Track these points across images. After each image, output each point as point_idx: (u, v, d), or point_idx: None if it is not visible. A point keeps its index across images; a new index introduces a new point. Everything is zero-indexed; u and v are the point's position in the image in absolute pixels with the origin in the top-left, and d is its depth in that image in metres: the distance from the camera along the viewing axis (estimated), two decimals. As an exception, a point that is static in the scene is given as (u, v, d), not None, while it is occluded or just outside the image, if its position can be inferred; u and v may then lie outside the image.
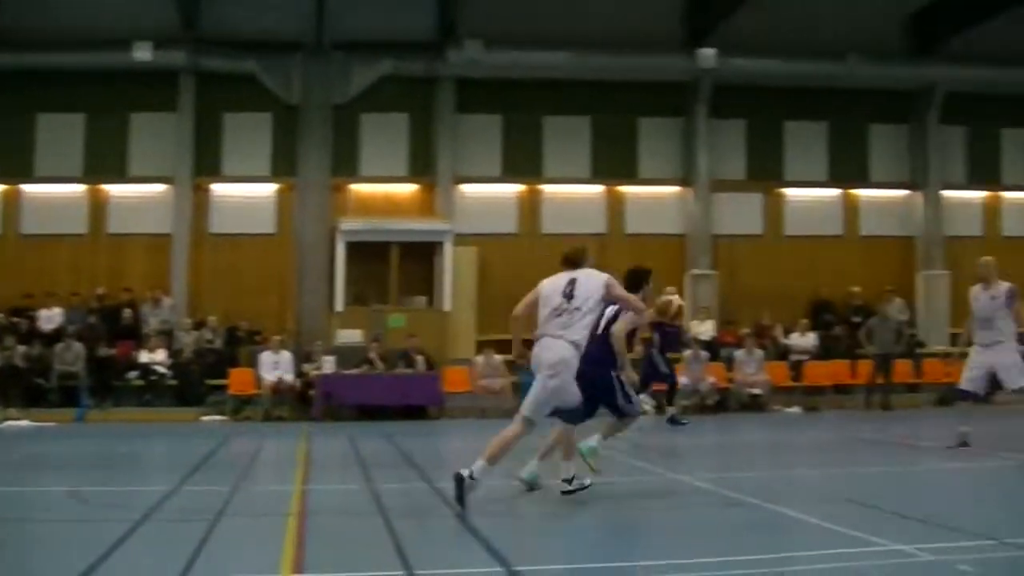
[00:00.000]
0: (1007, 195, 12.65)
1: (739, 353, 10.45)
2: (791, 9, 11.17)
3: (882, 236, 12.27)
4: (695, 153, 11.63)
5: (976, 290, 5.95)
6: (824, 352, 10.87)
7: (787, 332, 11.36)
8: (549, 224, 11.63)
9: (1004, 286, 5.82)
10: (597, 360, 4.31)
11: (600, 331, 4.26)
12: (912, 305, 12.04)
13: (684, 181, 11.82)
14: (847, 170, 12.15)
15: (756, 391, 10.20)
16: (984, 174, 12.50)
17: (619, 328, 4.35)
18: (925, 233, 12.19)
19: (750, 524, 3.87)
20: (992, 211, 12.64)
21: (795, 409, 10.14)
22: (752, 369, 10.31)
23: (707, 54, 11.17)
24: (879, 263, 12.08)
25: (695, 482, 5.02)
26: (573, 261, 4.24)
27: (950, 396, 7.03)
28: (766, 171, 11.99)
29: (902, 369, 10.64)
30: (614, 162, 11.74)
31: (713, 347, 10.81)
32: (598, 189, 11.82)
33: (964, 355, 6.23)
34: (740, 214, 11.83)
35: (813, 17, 11.32)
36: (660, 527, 3.96)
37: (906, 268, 12.24)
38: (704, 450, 7.09)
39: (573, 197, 11.82)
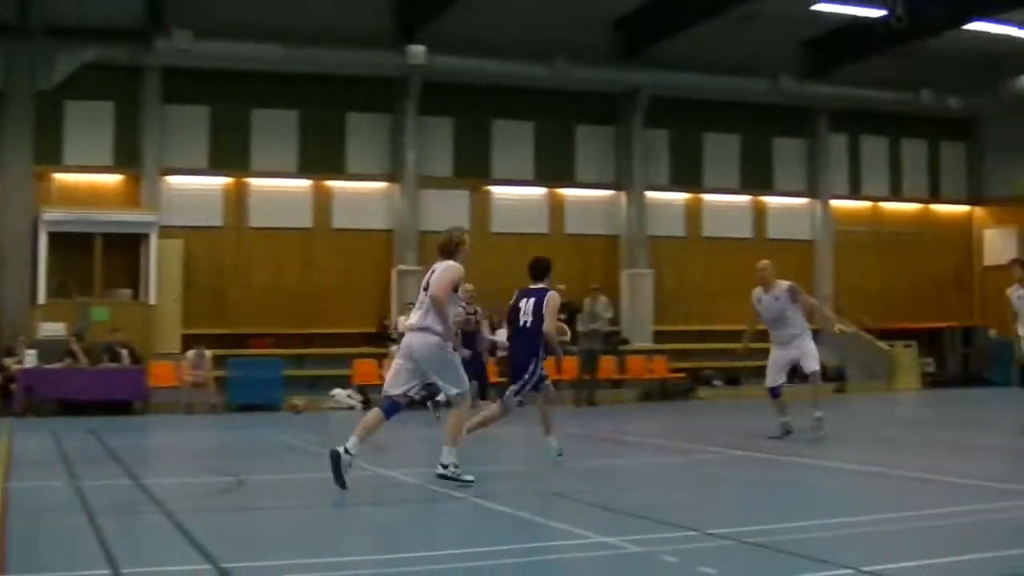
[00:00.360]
0: (708, 197, 34.37)
1: None
2: (501, 10, 31.15)
3: (588, 235, 32.90)
4: (403, 149, 31.23)
5: (758, 293, 20.71)
6: (531, 350, 30.44)
7: (494, 329, 30.80)
8: (256, 218, 30.39)
9: (784, 285, 20.79)
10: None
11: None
12: (616, 303, 32.16)
13: (392, 177, 31.34)
14: (554, 169, 32.71)
15: None
16: (686, 176, 33.73)
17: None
18: (629, 232, 32.95)
19: (455, 517, 10.78)
20: (694, 212, 34.18)
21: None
22: None
23: (417, 51, 30.46)
24: (585, 261, 32.64)
25: (403, 477, 13.56)
26: (443, 251, 12.73)
27: (772, 394, 19.12)
28: (473, 169, 32.20)
29: (607, 366, 30.46)
30: (323, 157, 31.09)
31: None
32: (306, 184, 30.72)
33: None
34: (447, 211, 31.68)
35: (522, 18, 31.38)
36: (368, 524, 10.88)
37: (611, 266, 32.83)
38: (415, 444, 19.85)
39: (281, 191, 30.77)
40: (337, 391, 28.38)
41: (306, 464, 15.60)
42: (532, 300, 15.21)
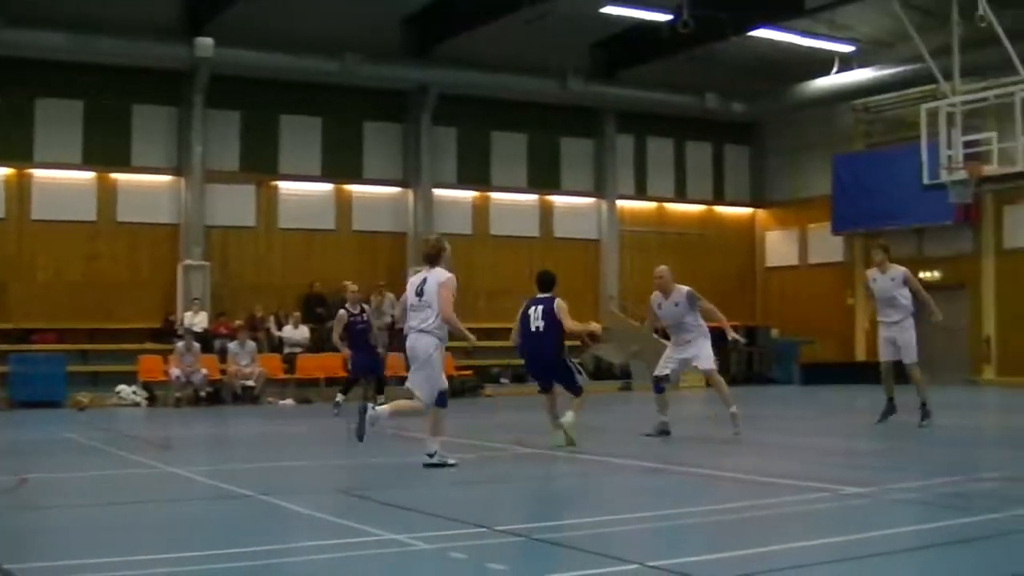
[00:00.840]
0: (495, 195, 37.13)
1: (232, 345, 31.91)
2: (291, 4, 33.50)
3: (375, 232, 35.36)
4: (190, 143, 33.35)
5: (657, 299, 22.18)
6: (317, 345, 32.68)
7: (280, 324, 33.08)
8: (39, 210, 32.45)
9: (683, 291, 22.09)
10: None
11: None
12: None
13: (178, 171, 33.48)
14: (341, 166, 35.33)
15: (249, 383, 31.59)
16: (474, 174, 36.55)
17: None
18: (417, 230, 35.86)
19: (245, 516, 11.17)
20: (481, 210, 36.90)
21: (288, 401, 31.62)
22: (245, 361, 31.69)
23: (205, 43, 32.61)
24: (372, 259, 35.13)
25: (189, 475, 13.56)
26: (429, 258, 15.00)
27: (655, 388, 20.46)
28: (261, 164, 34.41)
29: (395, 363, 32.74)
30: (108, 148, 33.22)
31: (206, 338, 31.94)
32: (90, 176, 32.74)
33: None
34: (234, 205, 33.91)
35: (312, 13, 33.78)
36: (153, 522, 10.66)
37: (398, 264, 35.37)
38: (198, 442, 23.50)
39: (65, 183, 32.83)
40: (122, 387, 29.82)
41: (91, 462, 16.18)
42: (541, 307, 17.66)
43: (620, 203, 40.59)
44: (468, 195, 37.74)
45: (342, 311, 25.98)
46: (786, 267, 42.91)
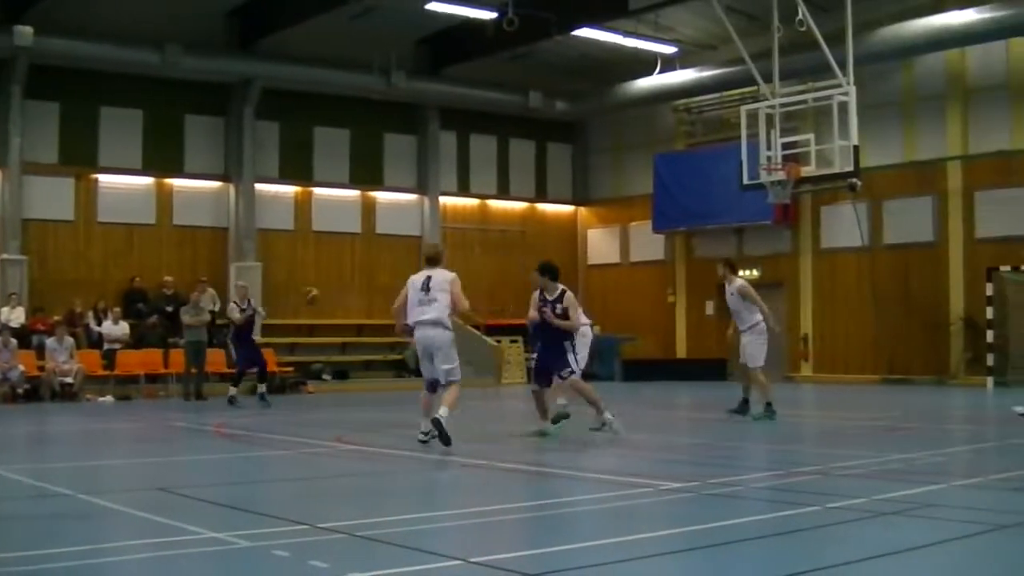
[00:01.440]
0: (318, 191, 36.85)
1: (50, 341, 31.37)
2: None
3: (196, 226, 35.03)
4: (8, 134, 32.85)
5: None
6: (137, 341, 32.36)
7: (100, 320, 32.63)
8: None
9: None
10: None
11: None
12: (225, 295, 34.48)
13: (-4, 163, 32.57)
14: (162, 159, 34.75)
15: (68, 380, 31.11)
16: (296, 169, 36.25)
17: None
18: (238, 225, 35.10)
19: (62, 515, 10.71)
20: (303, 206, 36.57)
21: (108, 398, 31.25)
22: (64, 357, 31.20)
23: (24, 32, 31.95)
24: (193, 253, 34.75)
25: (6, 473, 13.27)
26: (432, 261, 17.33)
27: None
28: (80, 156, 33.85)
29: (215, 359, 32.63)
30: None
31: (23, 334, 31.38)
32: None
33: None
34: (53, 198, 33.28)
35: (135, 4, 33.45)
36: None
37: (219, 258, 35.01)
38: (15, 440, 23.10)
39: None
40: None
41: None
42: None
43: (443, 200, 40.70)
44: (290, 190, 37.49)
45: (232, 304, 27.40)
46: (608, 265, 43.40)
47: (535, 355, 19.53)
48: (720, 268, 22.18)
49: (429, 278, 17.38)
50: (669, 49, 38.08)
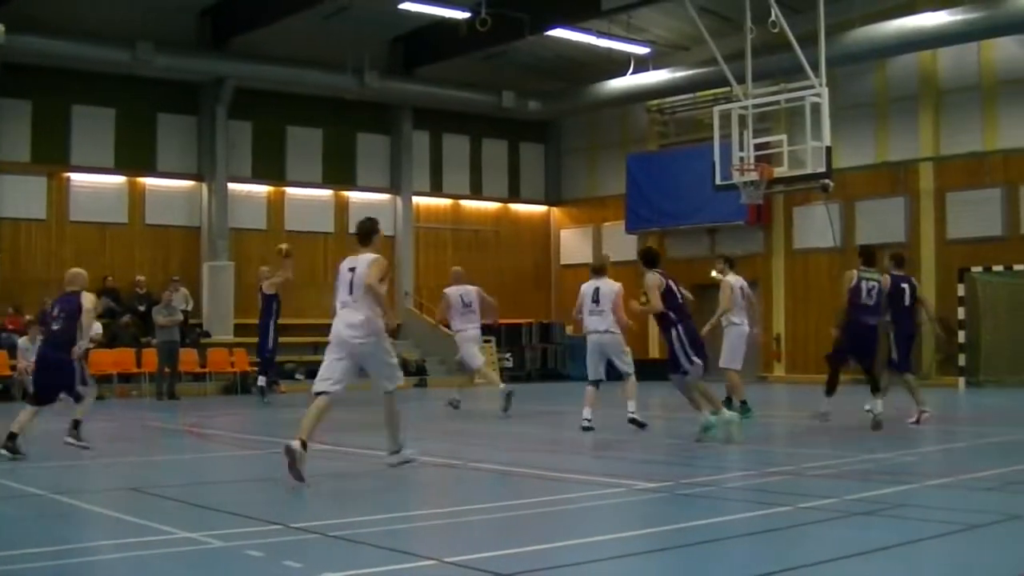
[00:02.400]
0: (290, 190, 36.78)
1: (22, 340, 31.20)
2: None
3: (168, 226, 34.93)
4: (-19, 134, 32.28)
5: (452, 291, 25.74)
6: (110, 340, 32.27)
7: None
8: None
9: (472, 290, 26.28)
10: None
11: None
12: (197, 295, 34.38)
13: (-34, 162, 32.46)
14: (134, 158, 34.55)
15: None
16: (269, 169, 36.16)
17: None
18: (211, 224, 35.01)
19: (35, 516, 11.02)
20: (276, 205, 36.47)
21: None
22: (36, 357, 30.95)
23: (-5, 31, 31.73)
24: (165, 252, 34.58)
25: None
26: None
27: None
28: (52, 154, 33.71)
29: (188, 358, 32.60)
30: None
31: None
32: None
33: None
34: (25, 197, 33.19)
35: (108, 2, 33.27)
36: None
37: (192, 258, 34.93)
38: None
39: None
40: None
41: None
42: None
43: (416, 199, 40.76)
44: (263, 190, 37.53)
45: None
46: (581, 265, 43.12)
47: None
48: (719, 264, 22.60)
49: (598, 289, 19.78)
50: (642, 49, 38.13)
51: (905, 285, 20.41)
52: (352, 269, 14.31)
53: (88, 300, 16.36)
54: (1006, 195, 32.79)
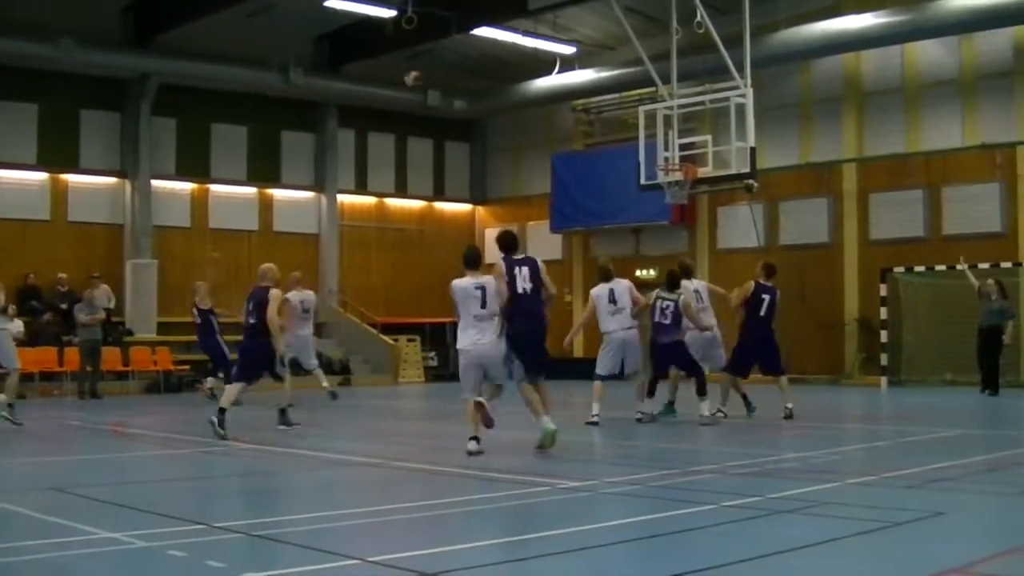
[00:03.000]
0: (215, 188, 36.61)
1: None
2: None
3: (91, 223, 34.60)
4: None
5: (292, 296, 25.72)
6: (31, 338, 31.94)
7: None
8: None
9: (309, 294, 26.56)
10: None
11: None
12: (120, 293, 34.10)
13: None
14: (58, 154, 34.14)
15: None
16: (193, 166, 35.98)
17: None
18: (134, 221, 34.78)
19: None
20: (200, 203, 36.24)
21: (1, 397, 30.69)
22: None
23: (-87, 24, 31.40)
24: (88, 250, 34.30)
25: None
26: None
27: None
28: (-25, 151, 33.07)
29: (111, 357, 32.32)
30: None
31: None
32: None
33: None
34: (-56, 194, 32.53)
35: (32, -3, 32.54)
36: None
37: (114, 256, 34.62)
38: None
39: None
40: None
41: None
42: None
43: (340, 198, 40.62)
44: (187, 187, 37.20)
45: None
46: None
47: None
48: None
49: (612, 291, 20.34)
50: (568, 49, 38.15)
51: (767, 296, 21.39)
52: (480, 287, 16.03)
53: (274, 296, 18.77)
54: (928, 196, 33.12)
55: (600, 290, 20.78)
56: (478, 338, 15.96)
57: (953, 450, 16.31)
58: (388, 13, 33.13)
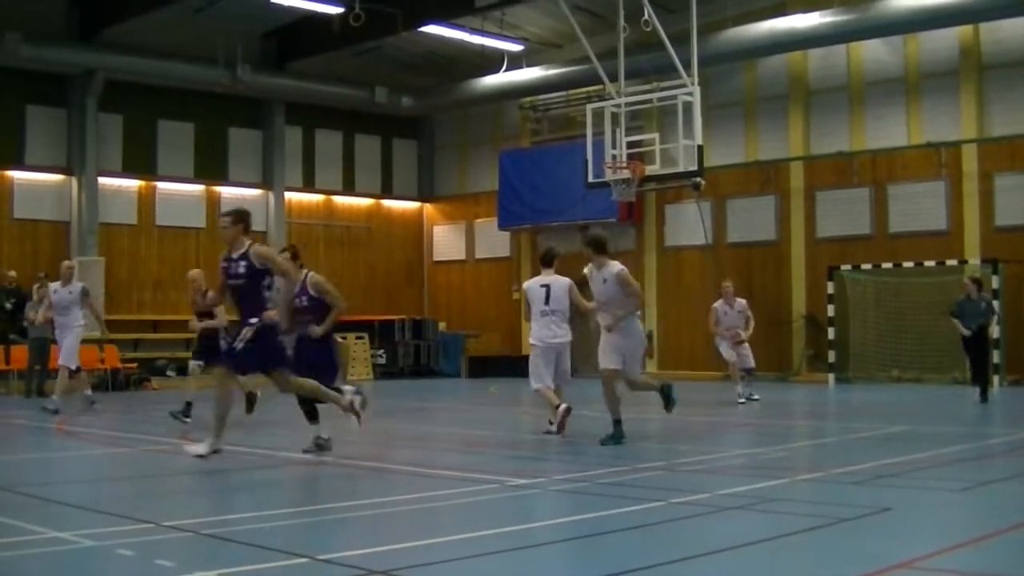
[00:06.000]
0: (161, 185, 36.49)
1: None
2: None
3: (37, 220, 34.39)
4: None
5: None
6: (-24, 336, 31.82)
7: None
8: None
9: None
10: None
11: None
12: (66, 291, 33.88)
13: None
14: (2, 151, 34.32)
15: None
16: (140, 163, 35.81)
17: None
18: (80, 219, 34.52)
19: None
20: (146, 200, 36.11)
21: None
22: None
23: None
24: (34, 247, 34.20)
25: None
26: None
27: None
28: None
29: (58, 355, 31.98)
30: None
31: None
32: None
33: None
34: None
35: (-25, -7, 32.29)
36: None
37: (60, 253, 34.47)
38: None
39: None
40: None
41: None
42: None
43: (288, 195, 40.49)
44: (133, 184, 36.92)
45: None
46: (453, 261, 43.49)
47: None
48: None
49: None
50: (515, 47, 38.20)
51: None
52: (545, 286, 17.61)
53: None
54: (874, 195, 33.37)
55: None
56: (543, 333, 17.67)
57: (899, 446, 16.38)
58: (335, 10, 33.00)
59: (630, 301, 16.70)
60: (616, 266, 16.96)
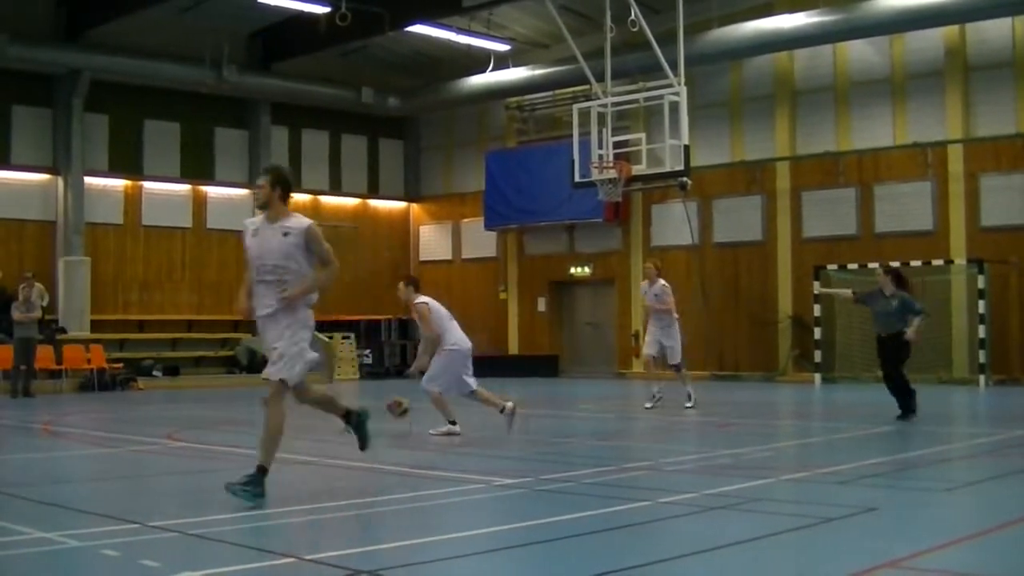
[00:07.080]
0: (148, 185, 36.43)
1: None
2: None
3: (22, 220, 34.32)
4: None
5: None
6: (-37, 337, 31.77)
7: None
8: None
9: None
10: None
11: None
12: (53, 291, 33.84)
13: None
14: (-14, 150, 33.66)
15: None
16: (126, 163, 35.71)
17: None
18: (66, 219, 34.46)
19: None
20: (133, 200, 36.06)
21: None
22: None
23: None
24: (19, 247, 34.13)
25: None
26: None
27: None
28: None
29: (44, 355, 32.06)
30: None
31: None
32: None
33: None
34: None
35: (-39, -9, 32.24)
36: None
37: (46, 253, 34.32)
38: None
39: None
40: None
41: None
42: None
43: (275, 195, 40.01)
44: (119, 184, 36.95)
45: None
46: (440, 261, 43.49)
47: None
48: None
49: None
50: (502, 47, 38.28)
51: None
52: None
53: None
54: (859, 195, 33.47)
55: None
56: (461, 336, 18.35)
57: (885, 446, 16.53)
58: (322, 10, 33.02)
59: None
60: None
